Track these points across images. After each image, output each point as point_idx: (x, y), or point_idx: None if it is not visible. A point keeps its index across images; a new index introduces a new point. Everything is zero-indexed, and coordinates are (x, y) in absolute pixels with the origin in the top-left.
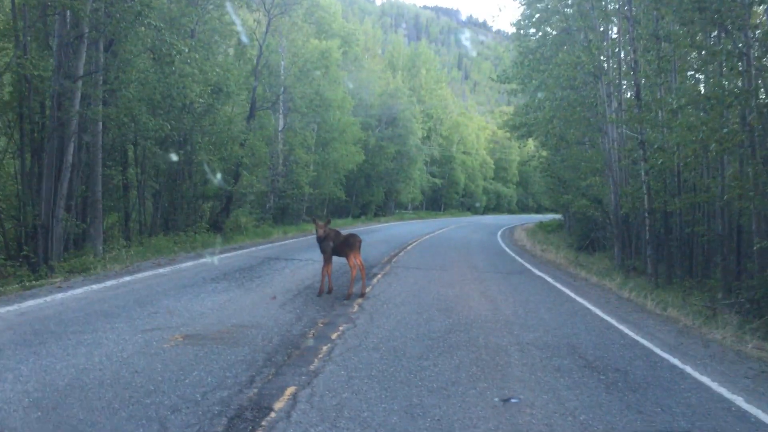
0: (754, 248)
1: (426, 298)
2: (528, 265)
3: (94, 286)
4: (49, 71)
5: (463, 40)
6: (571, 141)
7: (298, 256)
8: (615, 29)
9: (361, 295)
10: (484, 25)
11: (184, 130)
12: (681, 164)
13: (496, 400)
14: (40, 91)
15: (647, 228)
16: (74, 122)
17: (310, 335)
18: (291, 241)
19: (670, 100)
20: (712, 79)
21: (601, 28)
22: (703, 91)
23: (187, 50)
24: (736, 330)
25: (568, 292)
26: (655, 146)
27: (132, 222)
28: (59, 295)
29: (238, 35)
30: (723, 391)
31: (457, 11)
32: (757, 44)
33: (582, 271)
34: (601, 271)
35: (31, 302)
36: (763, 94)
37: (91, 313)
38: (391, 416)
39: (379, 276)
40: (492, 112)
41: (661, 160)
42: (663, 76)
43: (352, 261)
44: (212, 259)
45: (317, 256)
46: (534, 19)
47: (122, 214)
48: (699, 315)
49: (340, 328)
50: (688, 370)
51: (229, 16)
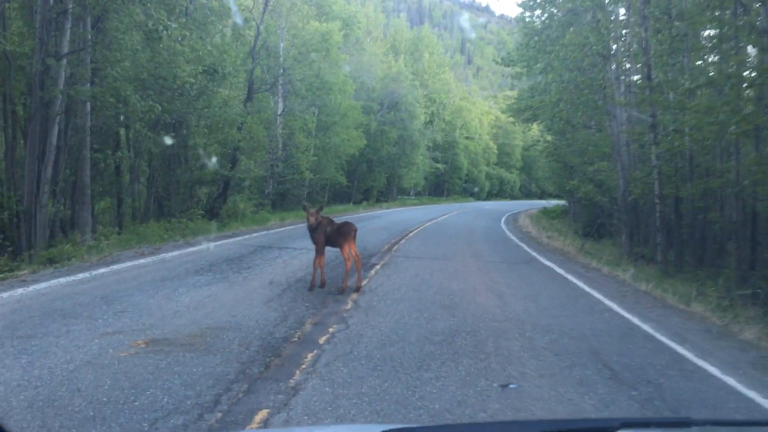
0: None
1: (428, 292)
2: (535, 254)
3: (62, 280)
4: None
5: (465, 24)
6: (577, 125)
7: (293, 245)
8: (624, 9)
9: (357, 290)
10: (487, 10)
11: (178, 112)
12: (693, 148)
13: None
14: (26, 71)
15: (657, 214)
16: (58, 103)
17: (295, 339)
18: (288, 228)
19: (683, 81)
20: (732, 56)
21: (611, 8)
22: (712, 73)
23: (175, 26)
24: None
25: (580, 284)
26: (671, 128)
27: (126, 207)
28: (19, 291)
29: (235, 15)
30: None
31: None
32: None
33: (592, 260)
34: (611, 260)
35: None
36: None
37: (49, 313)
38: None
39: (378, 267)
40: (495, 96)
41: (677, 143)
42: (675, 56)
43: (346, 252)
44: (202, 247)
45: (312, 245)
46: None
47: (115, 200)
48: (718, 308)
49: (330, 330)
50: (731, 382)
51: None
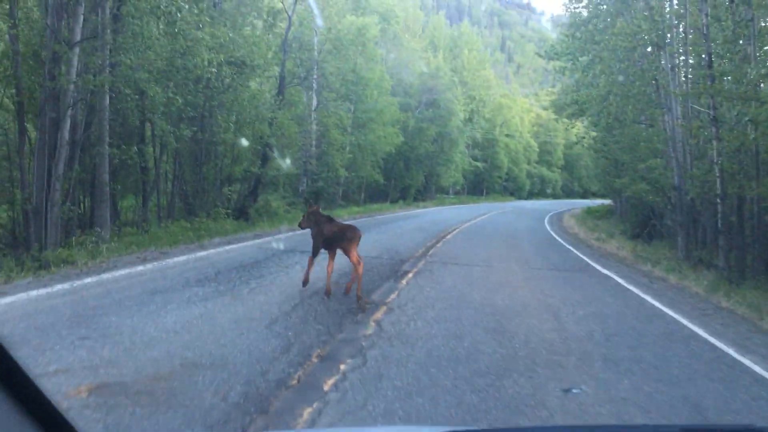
0: None
1: (468, 309)
2: (588, 260)
3: (34, 293)
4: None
5: (506, 22)
6: (627, 120)
7: None
8: None
9: (358, 299)
10: (528, 7)
11: (202, 106)
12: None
13: None
14: (36, 61)
15: (719, 215)
16: (69, 94)
17: (293, 382)
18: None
19: (748, 71)
20: None
21: None
22: None
23: (191, 9)
24: None
25: (648, 299)
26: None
27: (152, 206)
28: None
29: (266, 6)
30: None
31: None
32: None
33: (653, 267)
34: (671, 266)
35: None
36: None
37: None
38: None
39: (410, 275)
40: (536, 94)
41: (752, 136)
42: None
43: (355, 257)
44: (217, 250)
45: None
46: None
47: (140, 198)
48: None
49: (342, 368)
50: None
51: None
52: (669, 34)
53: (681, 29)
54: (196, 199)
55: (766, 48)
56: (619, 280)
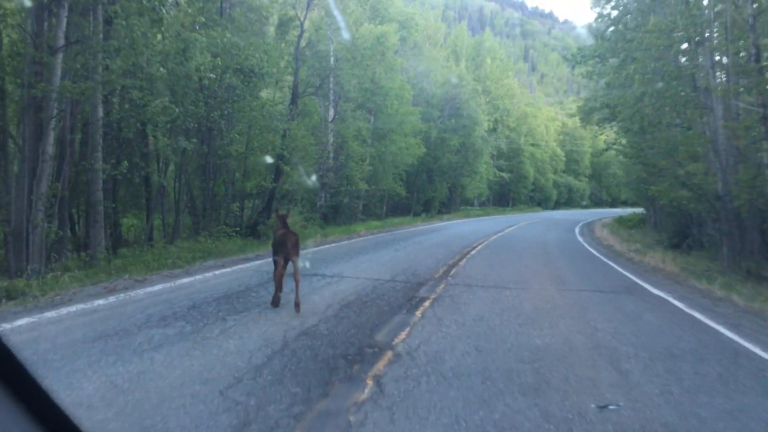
0: None
1: (497, 353)
2: (632, 277)
3: None
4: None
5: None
6: (663, 122)
7: (324, 270)
8: None
9: (296, 305)
10: (550, 16)
11: (205, 116)
12: None
13: None
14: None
15: None
16: (51, 104)
17: None
18: (330, 246)
19: None
20: None
21: None
22: None
23: (180, 6)
24: None
25: (724, 330)
26: None
27: (157, 224)
28: None
29: (278, 13)
30: None
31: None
32: None
33: (710, 284)
34: (728, 282)
35: None
36: None
37: None
38: None
39: (427, 303)
40: (561, 103)
41: None
42: None
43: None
44: (205, 276)
45: (351, 269)
46: None
47: (144, 216)
48: None
49: None
50: None
51: None
52: (708, 30)
53: (721, 23)
54: (204, 217)
55: None
56: (678, 304)
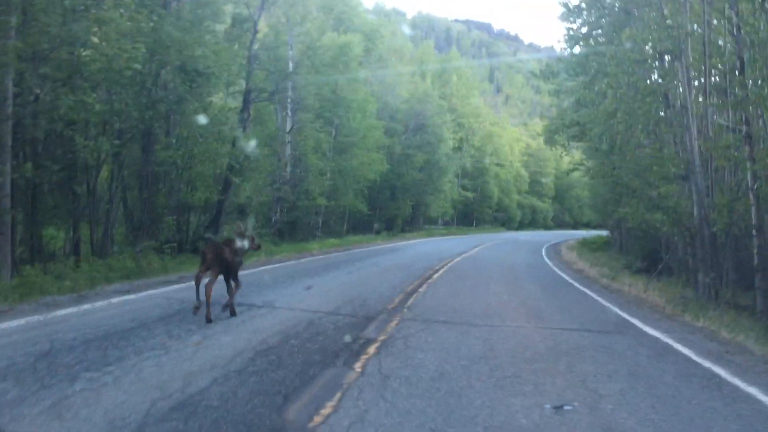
0: None
1: None
2: (616, 310)
3: None
4: None
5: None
6: (634, 141)
7: (254, 299)
8: None
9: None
10: (516, 39)
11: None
12: None
13: None
14: None
15: (755, 250)
16: None
17: None
18: (274, 267)
19: None
20: None
21: None
22: None
23: None
24: None
25: (751, 391)
26: None
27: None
28: None
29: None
30: None
31: (489, 25)
32: None
33: (710, 322)
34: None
35: None
36: None
37: None
38: None
39: (372, 349)
40: (525, 124)
41: None
42: None
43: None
44: (93, 306)
45: (287, 297)
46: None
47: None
48: None
49: None
50: None
51: None
52: (684, 44)
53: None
54: (139, 230)
55: None
56: (684, 351)
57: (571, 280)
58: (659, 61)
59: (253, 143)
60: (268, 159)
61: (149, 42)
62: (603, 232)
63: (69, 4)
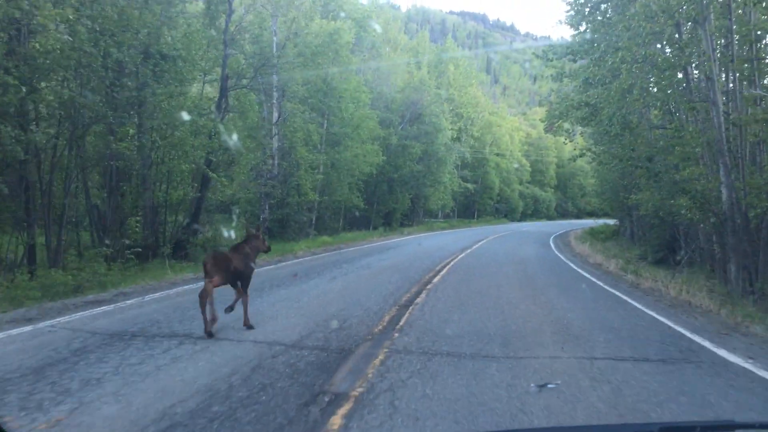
0: None
1: None
2: (666, 320)
3: None
4: None
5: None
6: (644, 120)
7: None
8: None
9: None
10: (512, 29)
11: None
12: None
13: None
14: None
15: None
16: None
17: None
18: (262, 268)
19: None
20: None
21: None
22: None
23: None
24: None
25: None
26: None
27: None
28: None
29: None
30: None
31: (485, 15)
32: None
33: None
34: None
35: None
36: None
37: None
38: None
39: (340, 419)
40: (524, 114)
41: None
42: None
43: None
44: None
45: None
46: None
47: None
48: None
49: None
50: None
51: None
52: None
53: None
54: (106, 233)
55: None
56: None
57: (592, 278)
58: (678, 34)
59: (234, 135)
60: (252, 152)
61: (98, 17)
62: (610, 221)
63: None
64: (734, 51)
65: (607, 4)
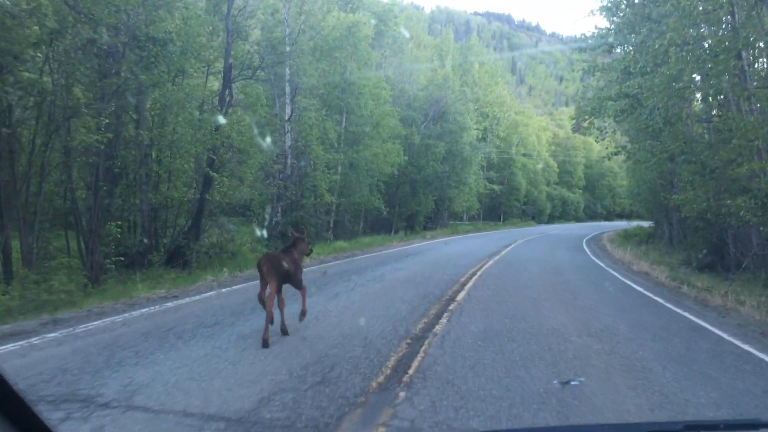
0: None
1: None
2: (764, 356)
3: None
4: None
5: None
6: (684, 113)
7: (117, 377)
8: None
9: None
10: (537, 29)
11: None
12: None
13: None
14: None
15: None
16: None
17: None
18: (228, 290)
19: None
20: None
21: None
22: None
23: None
24: None
25: None
26: None
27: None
28: None
29: None
30: None
31: (509, 16)
32: None
33: None
34: None
35: None
36: None
37: None
38: None
39: None
40: (551, 114)
41: None
42: None
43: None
44: None
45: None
46: None
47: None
48: None
49: None
50: None
51: None
52: None
53: None
54: (90, 237)
55: None
56: None
57: (646, 291)
58: (731, 15)
59: (240, 131)
60: (261, 151)
61: None
62: (644, 223)
63: None
64: None
65: None
